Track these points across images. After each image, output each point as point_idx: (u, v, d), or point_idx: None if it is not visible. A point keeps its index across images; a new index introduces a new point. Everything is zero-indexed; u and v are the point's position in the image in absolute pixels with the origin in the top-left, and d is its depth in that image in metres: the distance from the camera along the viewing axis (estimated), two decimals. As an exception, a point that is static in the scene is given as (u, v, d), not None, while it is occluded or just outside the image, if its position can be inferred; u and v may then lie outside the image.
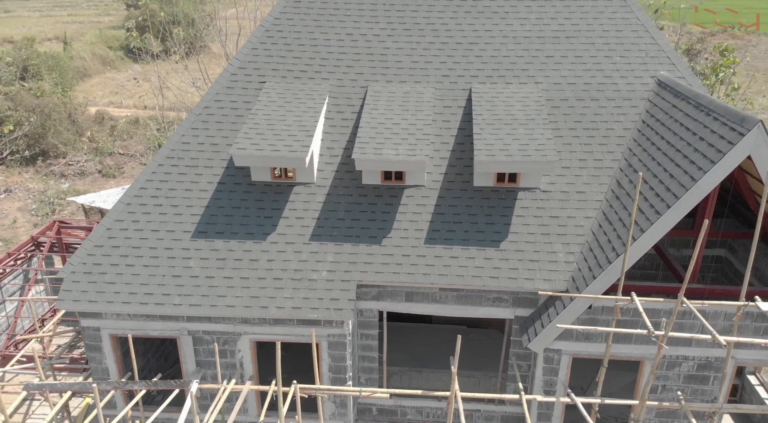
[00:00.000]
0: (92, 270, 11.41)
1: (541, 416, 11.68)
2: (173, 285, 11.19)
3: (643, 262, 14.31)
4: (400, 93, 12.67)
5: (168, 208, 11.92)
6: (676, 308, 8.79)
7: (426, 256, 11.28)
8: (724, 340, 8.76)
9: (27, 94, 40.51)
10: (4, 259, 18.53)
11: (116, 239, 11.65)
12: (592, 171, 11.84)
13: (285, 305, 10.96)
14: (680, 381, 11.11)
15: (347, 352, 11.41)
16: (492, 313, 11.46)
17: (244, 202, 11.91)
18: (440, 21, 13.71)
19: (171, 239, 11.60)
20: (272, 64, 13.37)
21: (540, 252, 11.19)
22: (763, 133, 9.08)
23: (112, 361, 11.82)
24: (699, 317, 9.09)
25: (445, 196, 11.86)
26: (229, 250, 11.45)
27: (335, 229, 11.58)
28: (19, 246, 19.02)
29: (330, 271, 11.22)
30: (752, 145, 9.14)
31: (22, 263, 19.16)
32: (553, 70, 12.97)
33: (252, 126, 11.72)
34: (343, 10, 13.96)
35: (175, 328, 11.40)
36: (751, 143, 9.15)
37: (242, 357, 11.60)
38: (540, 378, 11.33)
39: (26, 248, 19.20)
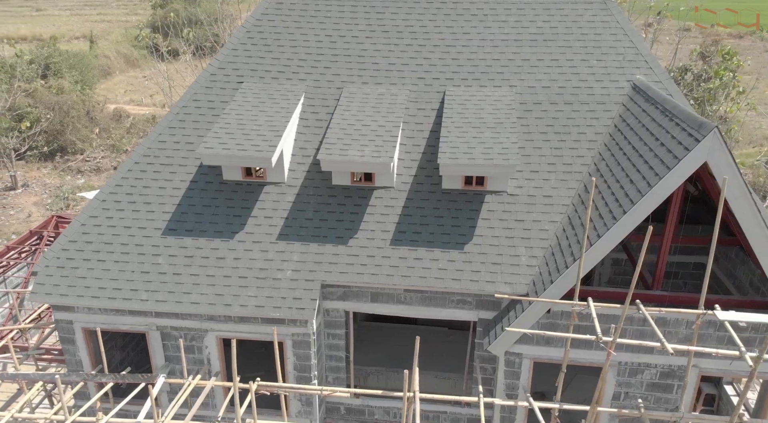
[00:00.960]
0: (65, 264, 11.65)
1: (504, 419, 11.61)
2: (141, 281, 11.38)
3: (624, 268, 14.16)
4: (375, 94, 12.69)
5: (141, 205, 12.11)
6: (623, 315, 8.67)
7: (391, 257, 11.29)
8: (672, 348, 8.63)
9: (47, 92, 41.44)
10: (4, 252, 19.02)
11: (90, 235, 11.88)
12: (561, 175, 11.72)
13: (248, 303, 11.07)
14: (643, 388, 10.94)
15: (312, 352, 11.47)
16: (456, 315, 11.42)
17: (215, 200, 12.05)
18: (419, 23, 13.70)
19: (142, 236, 11.79)
20: (251, 64, 13.50)
21: (503, 255, 11.12)
22: (719, 139, 8.90)
23: (85, 353, 12.05)
24: (651, 324, 8.99)
25: (413, 197, 11.85)
26: (197, 248, 11.59)
27: (303, 229, 11.65)
28: (19, 240, 19.50)
29: (295, 270, 11.30)
30: (708, 151, 8.97)
31: (26, 256, 19.65)
32: (528, 73, 12.86)
33: (223, 126, 11.85)
34: (323, 12, 14.02)
35: (144, 323, 11.58)
36: (706, 150, 8.97)
37: (209, 353, 11.74)
38: (502, 381, 11.25)
39: (31, 241, 19.68)
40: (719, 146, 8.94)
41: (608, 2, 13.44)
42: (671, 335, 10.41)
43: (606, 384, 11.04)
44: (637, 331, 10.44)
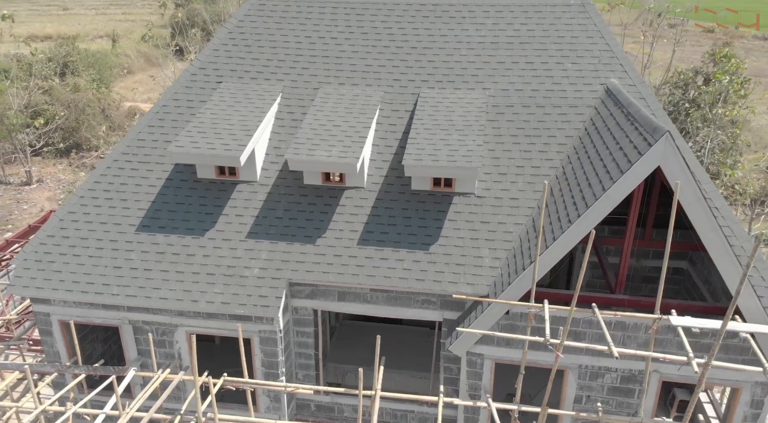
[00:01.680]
0: (42, 258, 11.94)
1: (467, 420, 11.63)
2: (113, 276, 11.61)
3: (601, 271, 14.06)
4: (350, 95, 12.78)
5: (117, 201, 12.35)
6: (569, 317, 8.64)
7: (357, 256, 11.37)
8: (617, 352, 8.59)
9: (63, 90, 42.26)
10: (4, 246, 19.50)
11: (67, 230, 12.16)
12: (528, 178, 11.69)
13: (215, 300, 11.24)
14: (604, 392, 10.88)
15: (279, 349, 11.61)
16: (421, 314, 11.46)
17: (188, 198, 12.25)
18: (398, 25, 13.76)
19: (117, 232, 12.03)
20: (231, 64, 13.68)
21: (467, 256, 11.13)
22: (671, 143, 8.83)
23: (62, 345, 12.32)
24: (602, 327, 8.97)
25: (383, 198, 11.92)
26: (168, 245, 11.79)
27: (272, 228, 11.79)
28: (18, 234, 19.97)
29: (262, 268, 11.44)
30: (660, 156, 8.90)
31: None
32: (503, 76, 12.84)
33: (196, 124, 12.04)
34: (304, 14, 14.15)
35: (116, 317, 11.82)
36: (659, 154, 8.90)
37: (179, 348, 11.94)
38: (465, 381, 11.27)
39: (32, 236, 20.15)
40: (672, 151, 8.87)
41: (587, 5, 13.35)
42: (630, 340, 10.34)
43: (567, 387, 11.02)
44: (597, 335, 10.39)
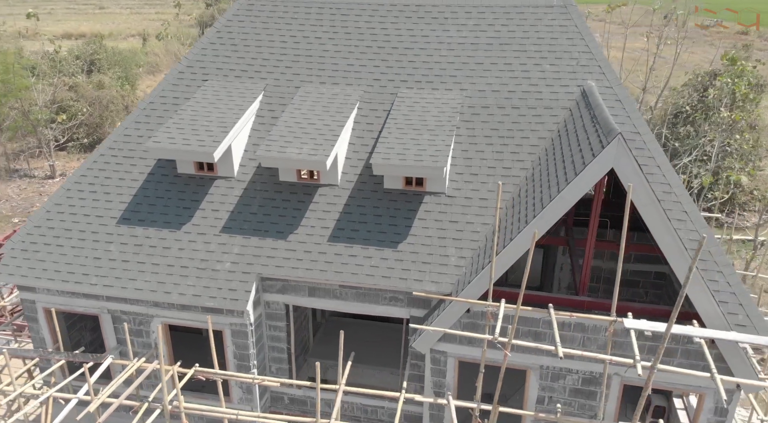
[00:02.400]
0: (28, 248, 12.36)
1: (433, 417, 11.68)
2: (93, 266, 11.96)
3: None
4: (329, 94, 12.93)
5: (101, 194, 12.71)
6: (516, 316, 8.65)
7: (327, 253, 11.51)
8: (563, 353, 8.57)
9: (88, 86, 43.33)
10: (9, 235, 20.18)
11: (53, 221, 12.56)
12: (499, 178, 11.68)
13: (187, 292, 11.49)
14: (566, 394, 10.82)
15: (250, 342, 11.81)
16: (389, 311, 11.55)
17: (168, 192, 12.54)
18: (381, 25, 13.85)
19: (98, 224, 12.38)
20: (217, 63, 13.95)
21: (433, 255, 11.18)
22: (624, 146, 8.77)
23: (47, 331, 12.73)
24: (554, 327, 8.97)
25: (356, 196, 12.04)
26: (146, 237, 12.10)
27: (246, 223, 12.01)
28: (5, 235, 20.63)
29: (234, 262, 11.66)
30: (613, 158, 8.85)
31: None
32: (481, 77, 12.84)
33: (176, 121, 12.32)
34: (291, 13, 14.35)
35: (96, 306, 12.16)
36: (612, 156, 8.85)
37: (156, 338, 12.25)
38: (429, 379, 11.32)
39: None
40: (625, 153, 8.81)
41: (569, 7, 13.26)
42: (591, 341, 10.28)
43: (529, 387, 11.00)
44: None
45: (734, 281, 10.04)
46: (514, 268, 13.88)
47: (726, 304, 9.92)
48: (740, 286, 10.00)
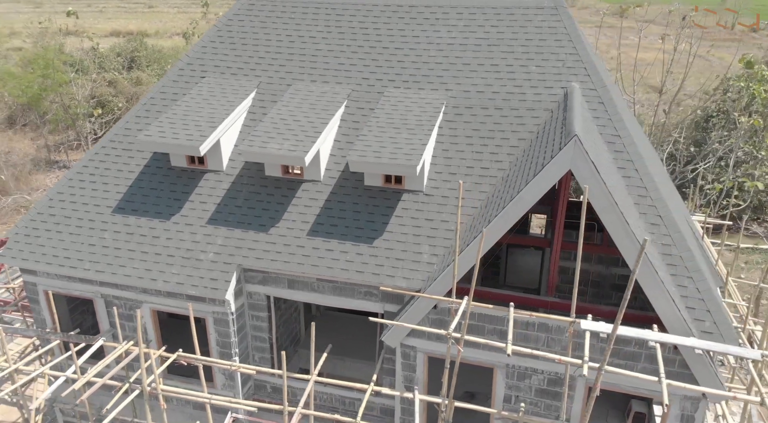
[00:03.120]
0: (31, 233, 13.01)
1: (404, 411, 11.82)
2: (88, 252, 12.52)
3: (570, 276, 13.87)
4: (318, 92, 13.19)
5: (100, 185, 13.28)
6: (467, 312, 8.74)
7: (305, 246, 11.77)
8: (510, 351, 8.62)
9: (127, 83, 44.80)
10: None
11: (54, 208, 13.19)
12: (476, 178, 11.73)
13: (171, 280, 11.92)
14: (533, 394, 10.81)
15: (231, 330, 12.18)
16: (364, 306, 11.72)
17: (161, 184, 13.01)
18: (374, 26, 14.03)
19: (95, 212, 12.94)
20: (216, 61, 14.37)
21: (407, 252, 11.32)
22: (581, 148, 8.74)
23: (47, 313, 13.40)
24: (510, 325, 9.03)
25: (337, 192, 12.26)
26: (138, 226, 12.58)
27: (231, 216, 12.37)
28: None
29: (217, 253, 12.04)
30: (570, 160, 8.83)
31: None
32: (467, 77, 12.88)
33: (169, 116, 12.77)
34: (288, 13, 14.66)
35: (90, 290, 12.73)
36: (569, 158, 8.84)
37: (145, 323, 12.74)
38: (400, 373, 11.46)
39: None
40: (581, 155, 8.78)
41: (559, 8, 13.18)
42: (555, 342, 10.25)
43: (496, 386, 11.03)
44: (521, 335, 10.37)
45: (704, 287, 9.88)
46: (514, 269, 13.92)
47: (693, 310, 9.78)
48: (710, 293, 9.83)
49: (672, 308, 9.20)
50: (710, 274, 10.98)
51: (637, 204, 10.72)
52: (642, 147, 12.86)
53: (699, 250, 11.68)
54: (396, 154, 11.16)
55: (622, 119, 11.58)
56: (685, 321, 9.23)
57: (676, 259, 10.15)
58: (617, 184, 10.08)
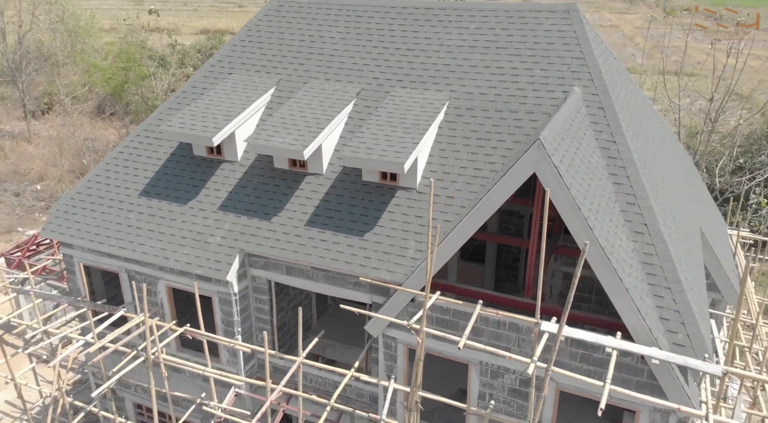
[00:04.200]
0: (69, 210, 14.27)
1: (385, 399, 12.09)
2: (114, 230, 13.59)
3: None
4: (330, 90, 13.65)
5: (131, 169, 14.35)
6: (426, 305, 8.93)
7: (302, 236, 12.28)
8: (463, 344, 8.74)
9: (204, 77, 47.05)
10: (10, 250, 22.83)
11: (91, 189, 14.38)
12: (469, 179, 11.80)
13: (182, 259, 12.77)
14: (505, 393, 10.82)
15: (234, 310, 12.89)
16: (354, 296, 12.09)
17: (183, 171, 13.90)
18: (389, 27, 14.32)
19: (125, 194, 14.01)
20: (243, 58, 15.13)
21: (394, 246, 11.57)
22: (544, 152, 8.71)
23: (81, 283, 14.64)
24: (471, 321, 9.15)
25: (337, 186, 12.68)
26: (158, 209, 13.52)
27: (240, 203, 13.06)
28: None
29: (223, 237, 12.76)
30: (533, 163, 8.82)
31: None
32: (471, 79, 12.93)
33: (192, 108, 13.62)
34: (312, 15, 15.20)
35: (116, 265, 13.81)
36: (532, 161, 8.83)
37: (162, 298, 13.69)
38: (382, 362, 11.76)
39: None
40: (544, 159, 8.76)
41: (572, 12, 12.97)
42: (525, 343, 10.24)
43: (471, 382, 11.12)
44: (493, 333, 10.42)
45: (681, 299, 9.58)
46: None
47: (667, 321, 9.52)
48: (687, 305, 9.53)
49: (636, 317, 9.01)
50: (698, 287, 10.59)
51: (624, 211, 10.50)
52: (652, 152, 12.52)
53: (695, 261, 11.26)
54: (387, 151, 11.44)
55: (620, 125, 11.32)
56: (649, 331, 9.01)
57: (656, 269, 9.89)
58: (595, 189, 9.93)
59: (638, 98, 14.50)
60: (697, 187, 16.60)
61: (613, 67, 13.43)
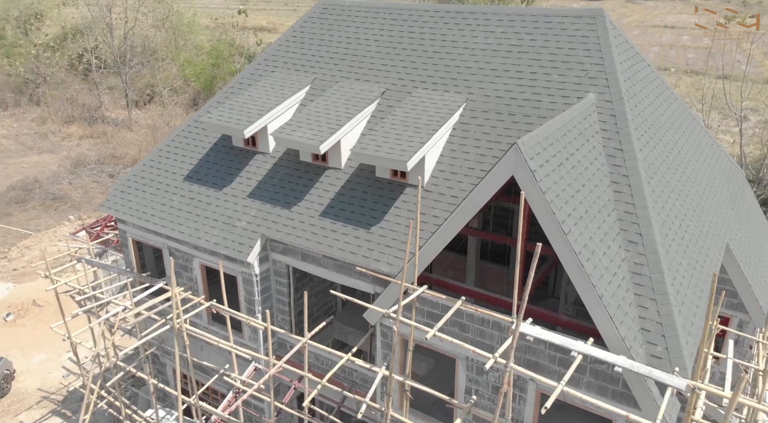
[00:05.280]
0: (125, 190, 15.71)
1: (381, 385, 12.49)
2: (159, 210, 14.85)
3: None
4: (356, 89, 14.16)
5: (180, 156, 15.58)
6: (401, 297, 9.25)
7: (315, 225, 12.91)
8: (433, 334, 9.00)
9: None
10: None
11: (145, 173, 15.76)
12: (474, 179, 11.91)
13: (211, 240, 13.77)
14: (489, 390, 10.91)
15: (255, 290, 13.76)
16: (359, 285, 12.55)
17: (222, 160, 14.94)
18: (420, 30, 14.62)
19: (171, 178, 15.25)
20: (285, 58, 15.96)
21: (396, 240, 11.93)
22: (521, 155, 8.77)
23: (132, 256, 16.09)
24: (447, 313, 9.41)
25: (352, 180, 13.20)
26: (198, 193, 14.62)
27: (266, 192, 13.88)
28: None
29: (249, 222, 13.63)
30: (511, 167, 8.90)
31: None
32: (491, 82, 13.00)
33: (232, 102, 14.59)
34: (352, 18, 15.76)
35: (160, 242, 15.08)
36: (510, 165, 8.91)
37: (196, 274, 14.80)
38: (379, 350, 12.18)
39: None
40: (522, 163, 8.82)
41: (597, 18, 12.71)
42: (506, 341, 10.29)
43: (458, 376, 11.29)
44: (477, 330, 10.56)
45: (665, 311, 9.34)
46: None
47: (648, 332, 9.31)
48: (670, 318, 9.27)
49: (609, 324, 8.89)
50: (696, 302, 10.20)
51: (621, 220, 10.31)
52: (674, 162, 12.14)
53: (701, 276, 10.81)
54: (394, 149, 11.81)
55: (630, 133, 11.06)
56: (622, 339, 8.86)
57: (644, 279, 9.67)
58: (587, 195, 9.82)
59: (671, 107, 13.95)
60: (744, 204, 15.65)
61: (641, 74, 13.04)
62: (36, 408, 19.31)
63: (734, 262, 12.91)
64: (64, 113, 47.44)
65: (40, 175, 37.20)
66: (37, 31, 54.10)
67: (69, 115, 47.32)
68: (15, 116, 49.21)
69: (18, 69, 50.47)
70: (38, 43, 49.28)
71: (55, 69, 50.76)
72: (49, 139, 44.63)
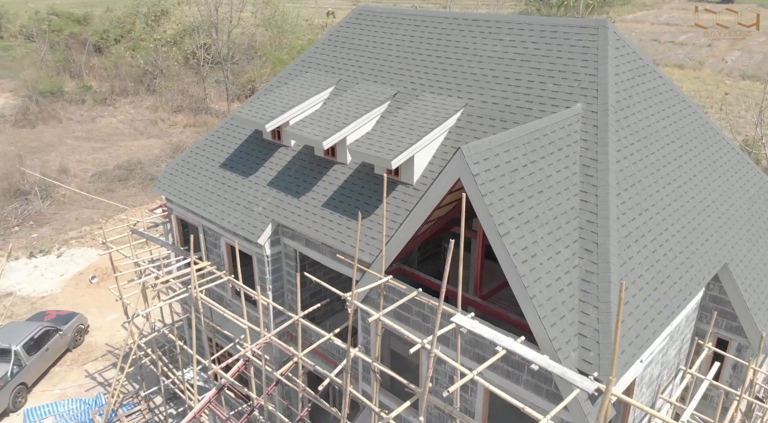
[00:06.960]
0: (174, 173, 17.53)
1: (365, 368, 13.21)
2: (196, 192, 16.48)
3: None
4: (372, 91, 14.92)
5: (220, 146, 17.14)
6: (353, 284, 9.95)
7: (317, 214, 13.86)
8: (376, 317, 9.61)
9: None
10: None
11: (191, 159, 17.49)
12: (457, 180, 12.31)
13: (232, 222, 15.15)
14: (447, 380, 11.32)
15: (266, 269, 14.97)
16: (348, 272, 13.37)
17: (253, 151, 16.28)
18: (437, 36, 15.09)
19: (210, 165, 16.84)
20: (319, 60, 17.02)
21: (381, 233, 12.61)
22: (464, 159, 9.16)
23: (176, 231, 17.92)
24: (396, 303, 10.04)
25: (354, 175, 14.00)
26: (229, 179, 16.07)
27: (283, 182, 15.03)
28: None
29: (264, 208, 14.85)
30: (456, 170, 9.32)
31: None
32: (491, 89, 13.26)
33: (263, 99, 15.87)
34: (381, 23, 16.51)
35: (196, 220, 16.73)
36: (455, 169, 9.34)
37: (222, 252, 16.29)
38: (361, 335, 12.93)
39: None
40: (465, 167, 9.21)
41: (600, 29, 12.60)
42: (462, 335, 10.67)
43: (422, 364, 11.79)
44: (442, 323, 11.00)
45: (605, 320, 9.38)
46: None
47: (585, 338, 9.40)
48: (607, 326, 9.30)
49: (538, 324, 9.10)
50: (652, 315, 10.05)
51: (581, 228, 10.37)
52: (669, 175, 11.94)
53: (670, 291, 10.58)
54: (383, 148, 12.48)
55: (608, 144, 11.02)
56: (550, 340, 9.04)
57: (592, 287, 9.74)
58: (541, 201, 10.00)
59: (684, 120, 13.49)
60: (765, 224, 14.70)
61: (645, 85, 12.78)
62: (100, 360, 21.91)
63: (733, 283, 12.33)
64: (173, 103, 51.90)
65: (144, 157, 41.15)
66: (158, 28, 59.39)
67: (178, 105, 51.71)
68: (133, 103, 54.52)
69: (139, 61, 55.76)
70: (157, 38, 54.14)
71: (171, 62, 55.55)
72: (158, 125, 49.08)
